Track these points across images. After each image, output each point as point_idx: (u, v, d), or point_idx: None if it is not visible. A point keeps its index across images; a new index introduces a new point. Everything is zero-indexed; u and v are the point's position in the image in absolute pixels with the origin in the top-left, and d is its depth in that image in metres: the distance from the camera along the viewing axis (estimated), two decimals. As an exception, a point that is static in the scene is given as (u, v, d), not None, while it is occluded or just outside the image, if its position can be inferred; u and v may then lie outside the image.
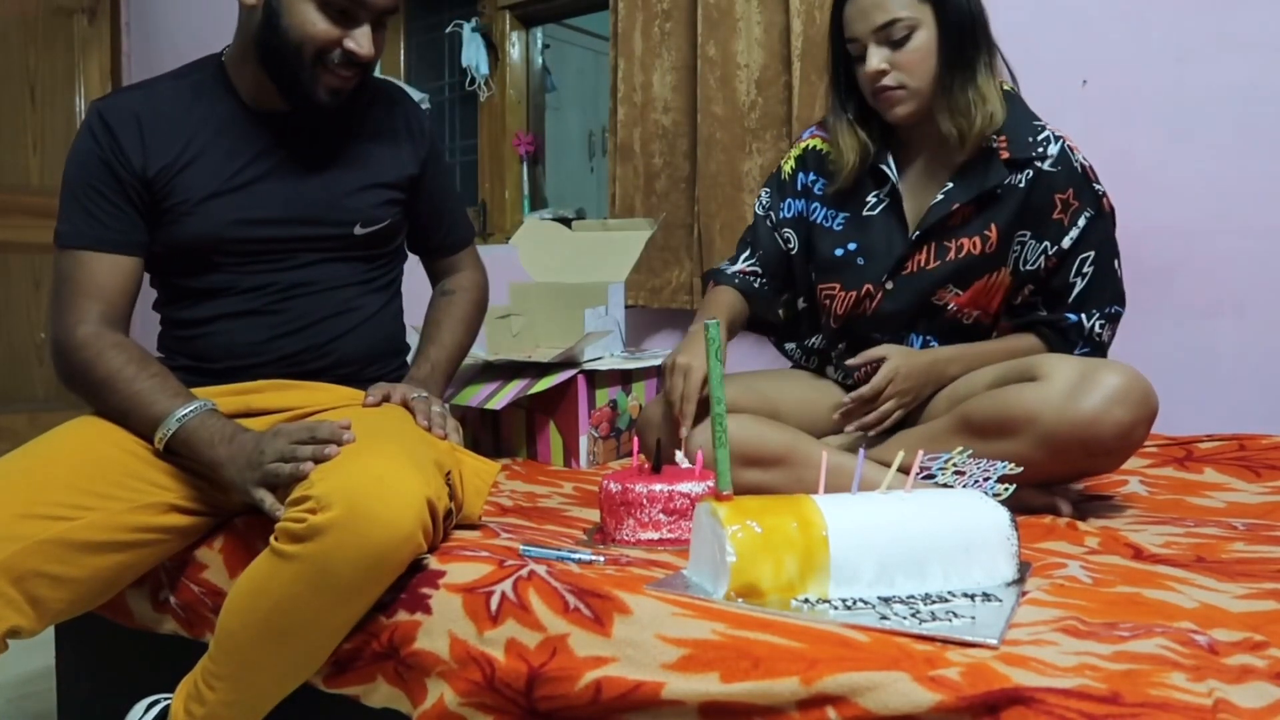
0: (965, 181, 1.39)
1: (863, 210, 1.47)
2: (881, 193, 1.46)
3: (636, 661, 0.83)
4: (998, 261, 1.40)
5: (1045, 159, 1.36)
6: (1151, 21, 1.85)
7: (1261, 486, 1.42)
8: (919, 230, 1.41)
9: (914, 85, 1.35)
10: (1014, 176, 1.37)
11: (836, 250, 1.48)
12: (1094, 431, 1.18)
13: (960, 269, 1.41)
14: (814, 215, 1.51)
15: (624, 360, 1.92)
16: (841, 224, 1.49)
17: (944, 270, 1.41)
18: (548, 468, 1.79)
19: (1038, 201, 1.37)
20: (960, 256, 1.40)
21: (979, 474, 1.05)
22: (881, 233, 1.45)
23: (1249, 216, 1.77)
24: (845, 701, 0.74)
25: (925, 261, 1.42)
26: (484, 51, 2.91)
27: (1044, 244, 1.39)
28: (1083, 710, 0.67)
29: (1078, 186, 1.37)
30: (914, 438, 1.33)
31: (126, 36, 3.73)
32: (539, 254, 2.19)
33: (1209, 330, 1.81)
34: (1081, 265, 1.38)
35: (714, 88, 2.23)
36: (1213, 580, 0.96)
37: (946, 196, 1.40)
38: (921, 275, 1.42)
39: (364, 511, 0.93)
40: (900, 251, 1.43)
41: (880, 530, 0.90)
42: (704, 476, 1.16)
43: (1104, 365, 1.22)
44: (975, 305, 1.43)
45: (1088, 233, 1.38)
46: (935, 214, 1.40)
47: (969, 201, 1.38)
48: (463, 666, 0.93)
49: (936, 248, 1.41)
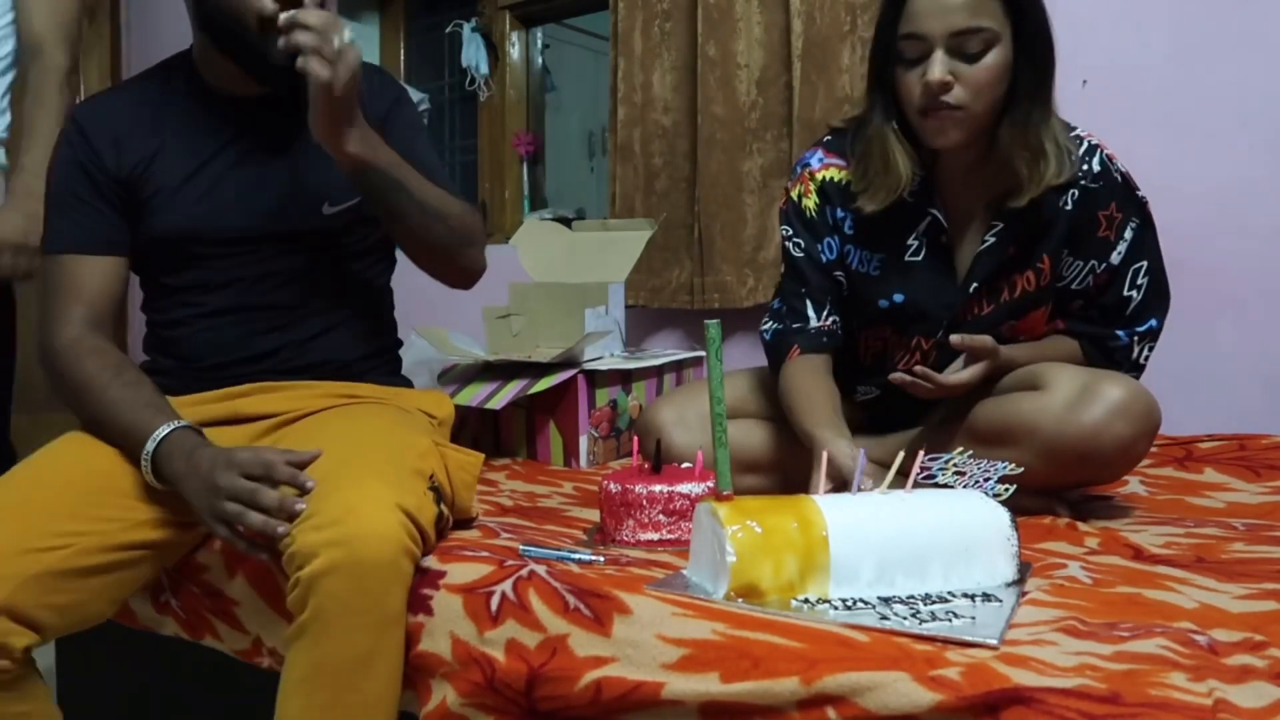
0: (1015, 221, 1.26)
1: (902, 254, 1.32)
2: (919, 231, 1.30)
3: (636, 661, 0.83)
4: (1051, 290, 1.32)
5: (1089, 176, 1.27)
6: (1151, 21, 1.85)
7: (1261, 486, 1.42)
8: (974, 283, 1.30)
9: (975, 109, 1.19)
10: (1061, 200, 1.27)
11: (881, 301, 1.33)
12: (1094, 444, 1.17)
13: (1018, 306, 1.32)
14: (849, 258, 1.35)
15: (624, 360, 1.92)
16: (878, 268, 1.34)
17: (1000, 313, 1.32)
18: (548, 467, 1.79)
19: (1082, 222, 1.28)
20: (1015, 296, 1.31)
21: (979, 474, 1.05)
22: (929, 282, 1.31)
23: (1249, 216, 1.77)
24: (845, 701, 0.74)
25: (980, 309, 1.31)
26: (484, 51, 2.91)
27: (1090, 262, 1.30)
28: (1083, 710, 0.67)
29: (1120, 200, 1.28)
30: (914, 440, 1.33)
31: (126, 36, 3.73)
32: (539, 254, 2.19)
33: (1209, 330, 1.81)
34: (1135, 277, 1.30)
35: (714, 88, 2.23)
36: (1213, 580, 0.96)
37: (998, 241, 1.27)
38: (977, 323, 1.31)
39: (344, 557, 0.90)
40: (953, 302, 1.31)
41: (880, 530, 0.90)
42: (704, 477, 1.16)
43: (1107, 377, 1.20)
44: (1027, 331, 1.35)
45: (1136, 244, 1.29)
46: (988, 263, 1.29)
47: (1020, 241, 1.28)
48: (464, 667, 0.93)
49: (989, 291, 1.31)
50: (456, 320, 2.30)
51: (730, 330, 2.26)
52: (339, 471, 0.99)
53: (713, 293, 2.24)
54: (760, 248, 2.18)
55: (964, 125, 1.20)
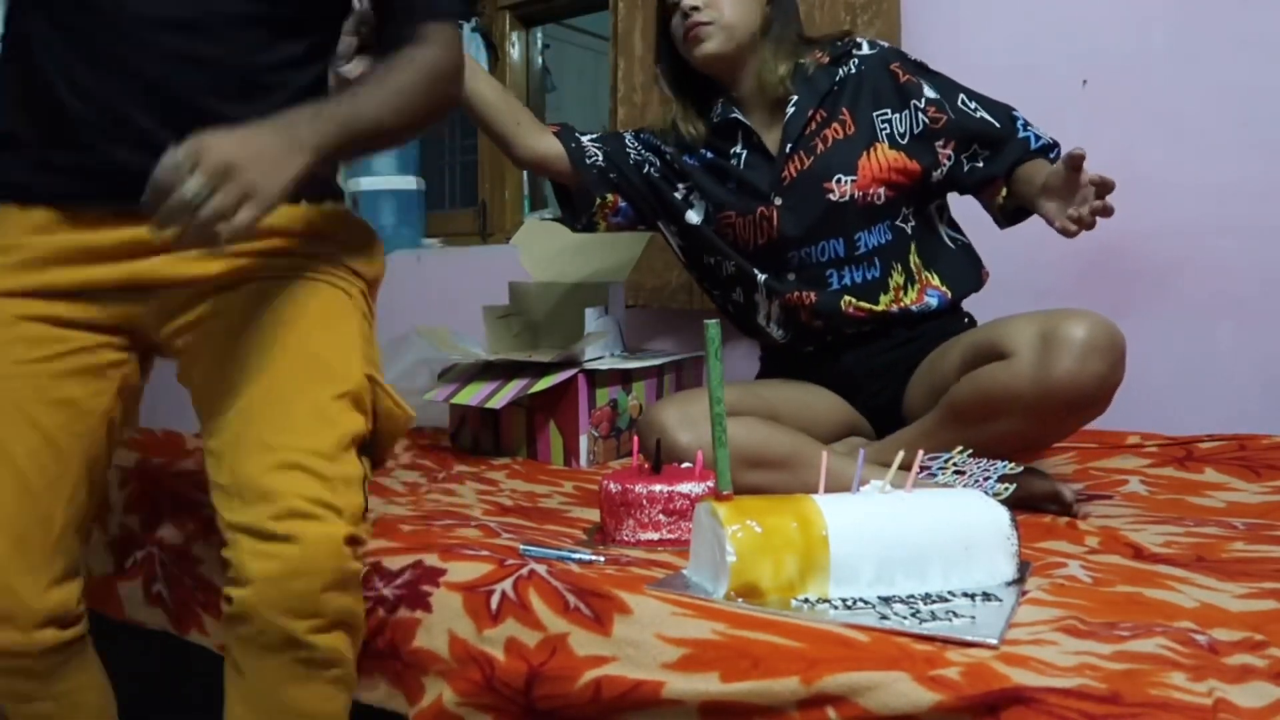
0: (804, 92, 1.48)
1: (729, 162, 1.53)
2: (738, 146, 1.52)
3: (636, 661, 0.84)
4: (868, 138, 1.46)
5: (859, 48, 1.50)
6: (1151, 21, 1.85)
7: (1261, 486, 1.42)
8: (787, 144, 1.47)
9: (724, 21, 1.44)
10: (841, 70, 1.49)
11: (719, 187, 1.53)
12: (1075, 391, 1.19)
13: (837, 155, 1.45)
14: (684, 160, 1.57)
15: (624, 360, 1.92)
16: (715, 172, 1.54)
17: (822, 164, 1.46)
18: (548, 467, 1.79)
19: (876, 79, 1.47)
20: (829, 146, 1.46)
21: (979, 473, 1.05)
22: (751, 168, 1.51)
23: (1249, 216, 1.77)
24: (845, 701, 0.74)
25: (800, 165, 1.47)
26: (484, 51, 2.91)
27: (910, 104, 1.46)
28: (1083, 710, 0.67)
29: (901, 59, 1.49)
30: (912, 438, 1.34)
31: (127, 36, 3.72)
32: (539, 254, 2.19)
33: (1209, 330, 1.81)
34: (968, 105, 1.46)
35: (714, 88, 2.23)
36: (1213, 580, 0.96)
37: (797, 109, 1.47)
38: (803, 178, 1.47)
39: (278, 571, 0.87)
40: (774, 170, 1.49)
41: (880, 530, 0.90)
42: (704, 477, 1.16)
43: (1063, 319, 1.21)
44: (877, 182, 1.45)
45: (943, 86, 1.48)
46: (795, 126, 1.47)
47: (818, 106, 1.47)
48: (462, 665, 0.93)
49: (804, 150, 1.47)
50: (457, 320, 2.31)
51: (730, 331, 2.26)
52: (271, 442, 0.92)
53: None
54: (760, 248, 2.18)
55: (715, 36, 1.45)
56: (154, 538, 1.23)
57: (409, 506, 1.41)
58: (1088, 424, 1.35)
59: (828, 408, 1.51)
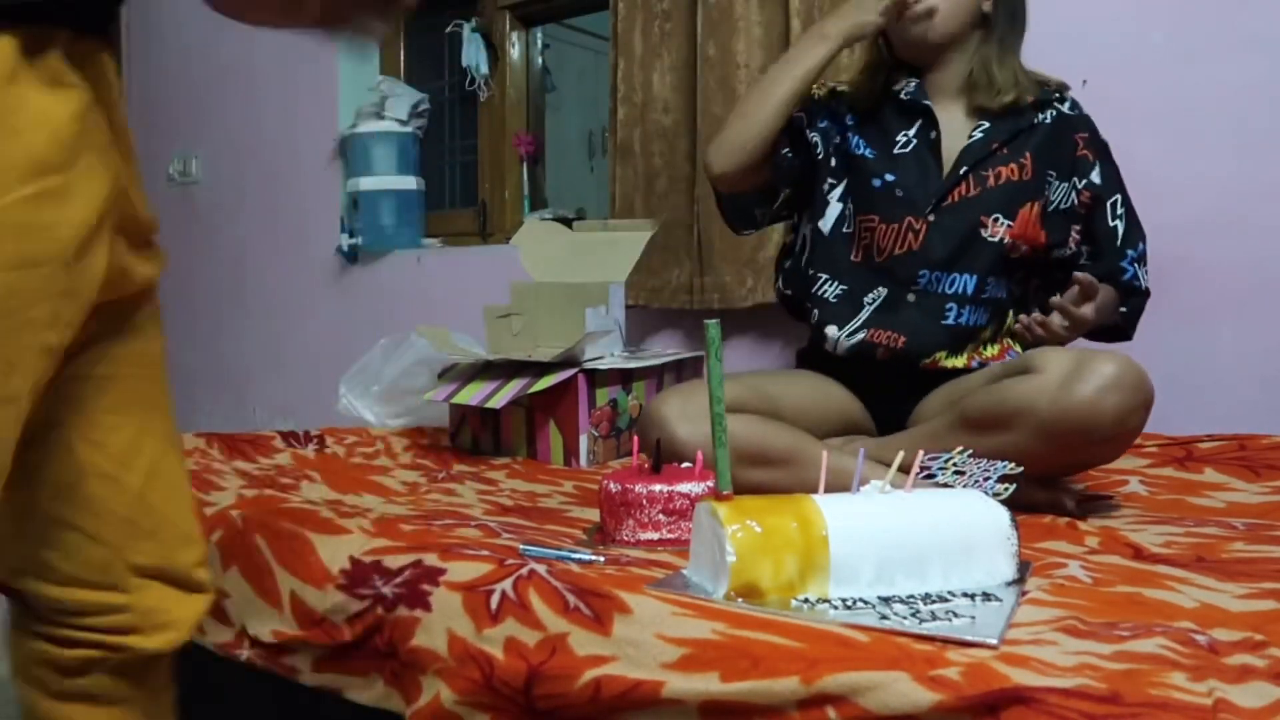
0: (998, 122, 1.46)
1: (893, 148, 1.50)
2: (911, 131, 1.49)
3: (636, 661, 0.83)
4: (1037, 189, 1.46)
5: (1064, 102, 1.49)
6: (1151, 21, 1.85)
7: (1261, 486, 1.42)
8: (963, 165, 1.45)
9: (945, 9, 1.41)
10: (1039, 115, 1.47)
11: (874, 181, 1.49)
12: (1091, 419, 1.18)
13: (1003, 196, 1.44)
14: (848, 142, 1.53)
15: (624, 360, 1.92)
16: (874, 155, 1.51)
17: (987, 198, 1.44)
18: (548, 467, 1.79)
19: (1061, 139, 1.47)
20: (1000, 183, 1.44)
21: (979, 474, 1.05)
22: (917, 167, 1.48)
23: (1249, 216, 1.77)
24: (845, 701, 0.74)
25: (966, 191, 1.45)
26: (484, 51, 2.91)
27: (1072, 180, 1.47)
28: (1083, 710, 0.67)
29: (1090, 131, 1.49)
30: (914, 439, 1.34)
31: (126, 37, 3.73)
32: (539, 254, 2.19)
33: (1209, 330, 1.81)
34: (1115, 208, 1.48)
35: (714, 88, 2.22)
36: (1213, 580, 0.96)
37: (985, 135, 1.46)
38: (964, 205, 1.45)
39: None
40: (940, 183, 1.46)
41: (880, 530, 0.90)
42: (704, 476, 1.16)
43: (1098, 354, 1.22)
44: (1024, 238, 1.45)
45: (1110, 177, 1.48)
46: (974, 152, 1.45)
47: (1006, 141, 1.45)
48: (461, 664, 0.93)
49: (975, 178, 1.45)
50: (457, 320, 2.31)
51: (730, 330, 2.26)
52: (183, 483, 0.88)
53: (712, 293, 2.24)
54: (760, 248, 2.18)
55: (934, 24, 1.43)
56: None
57: (409, 506, 1.41)
58: (1100, 464, 1.35)
59: (833, 403, 1.50)
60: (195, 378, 3.57)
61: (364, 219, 2.98)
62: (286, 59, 3.24)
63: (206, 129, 3.50)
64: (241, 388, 3.45)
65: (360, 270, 3.07)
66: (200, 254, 3.56)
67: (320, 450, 1.82)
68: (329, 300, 3.17)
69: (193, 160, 3.55)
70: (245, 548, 1.14)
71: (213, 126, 3.48)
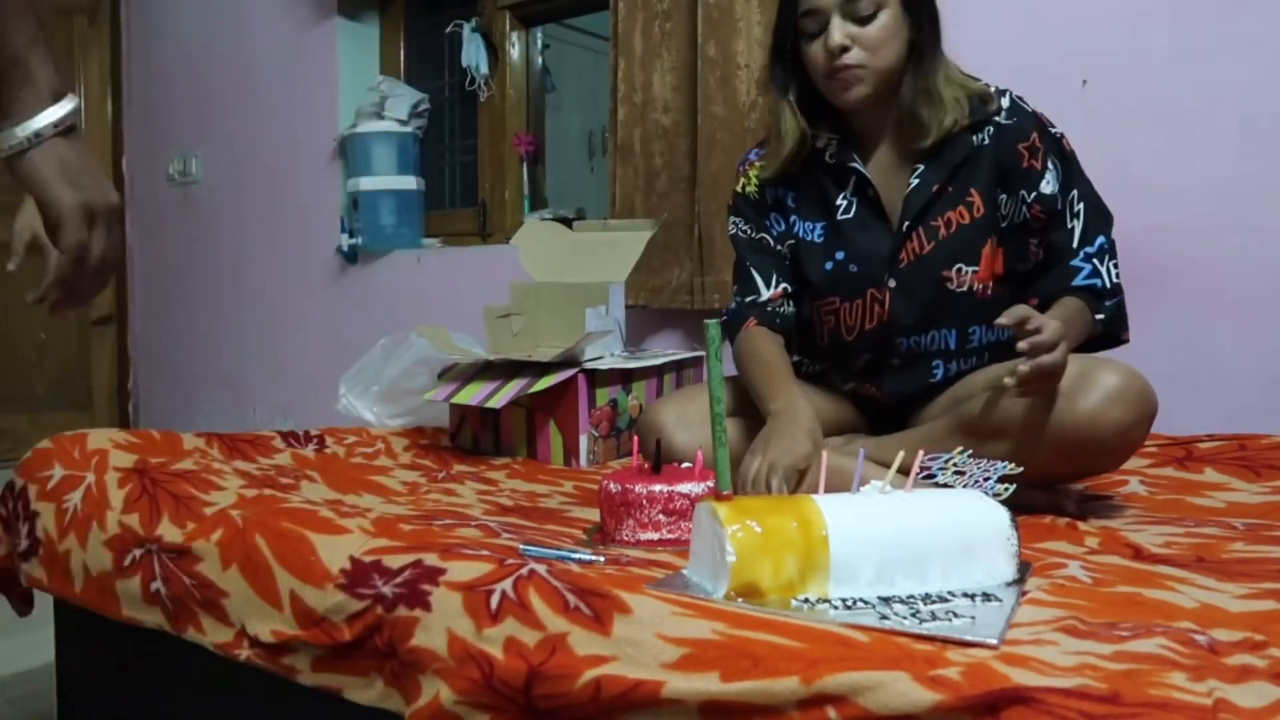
0: (934, 161, 1.37)
1: (836, 215, 1.43)
2: (848, 192, 1.42)
3: (636, 660, 0.83)
4: (991, 223, 1.37)
5: (1000, 112, 1.37)
6: (1151, 21, 1.85)
7: (1261, 486, 1.42)
8: (905, 221, 1.37)
9: (875, 65, 1.32)
10: (976, 137, 1.37)
11: (826, 264, 1.43)
12: (1092, 430, 1.18)
13: (959, 243, 1.37)
14: (795, 228, 1.47)
15: (624, 360, 1.92)
16: (821, 234, 1.44)
17: (943, 250, 1.37)
18: (548, 467, 1.79)
19: (1004, 157, 1.36)
20: (952, 232, 1.37)
21: (979, 474, 1.05)
22: (863, 233, 1.40)
23: (1249, 216, 1.77)
24: (845, 701, 0.74)
25: (920, 248, 1.38)
26: (484, 51, 2.91)
27: (1020, 193, 1.37)
28: (1083, 710, 0.67)
29: (1038, 132, 1.37)
30: (914, 439, 1.34)
31: (126, 36, 3.73)
32: (539, 254, 2.19)
33: (1209, 330, 1.81)
34: (1072, 207, 1.37)
35: (714, 88, 2.23)
36: (1213, 580, 0.96)
37: (922, 181, 1.37)
38: (921, 263, 1.38)
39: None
40: (889, 246, 1.39)
41: (880, 530, 0.90)
42: (704, 476, 1.16)
43: (1102, 364, 1.21)
44: (992, 276, 1.38)
45: (1064, 176, 1.37)
46: (916, 200, 1.37)
47: (945, 181, 1.37)
48: (460, 664, 0.93)
49: (925, 231, 1.37)
50: (457, 320, 2.31)
51: (730, 330, 2.26)
52: None
53: (713, 293, 2.24)
54: (760, 248, 2.18)
55: (867, 81, 1.33)
56: (152, 536, 1.23)
57: (409, 506, 1.41)
58: (1095, 474, 1.35)
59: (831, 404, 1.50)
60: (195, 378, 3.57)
61: (364, 219, 2.98)
62: (286, 59, 3.25)
63: (206, 129, 3.50)
64: (241, 388, 3.45)
65: (360, 270, 3.08)
66: (200, 254, 3.56)
67: (320, 450, 1.82)
68: (329, 300, 3.17)
69: (193, 160, 3.55)
70: (245, 548, 1.14)
71: (213, 126, 3.49)
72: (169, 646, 1.23)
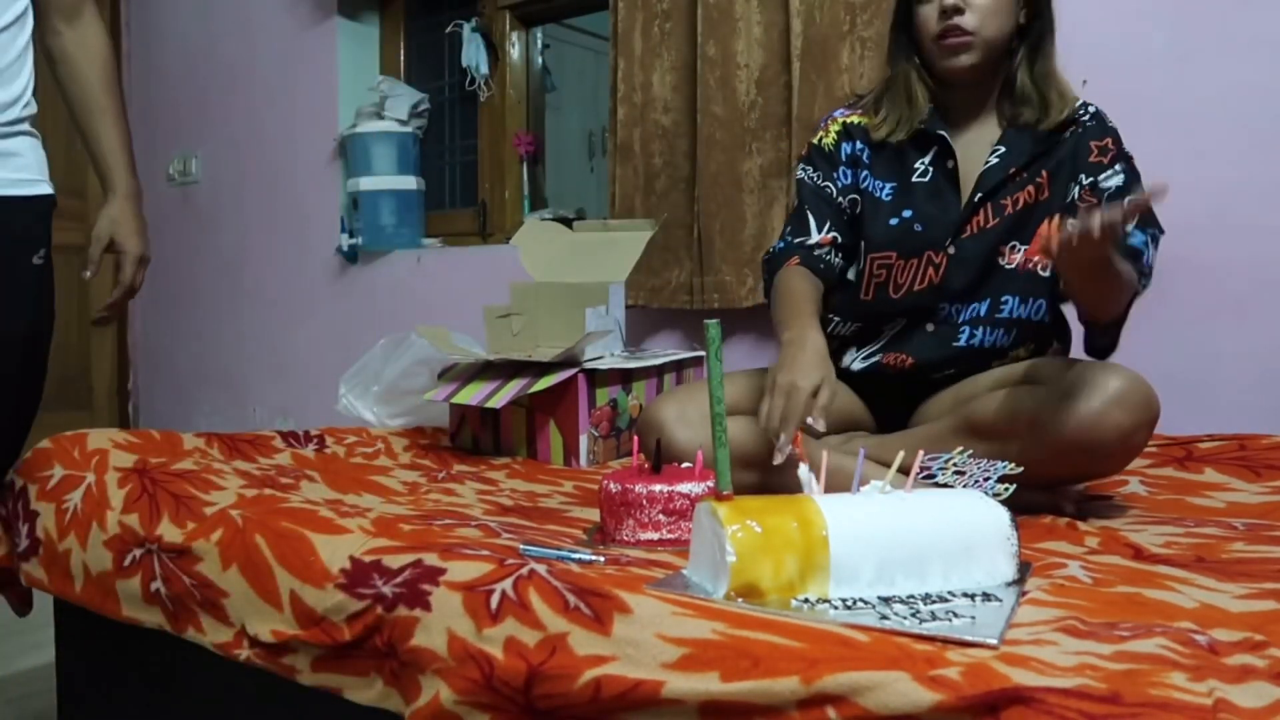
0: (1016, 144, 1.41)
1: (910, 178, 1.46)
2: (928, 159, 1.45)
3: (636, 660, 0.83)
4: (1054, 204, 1.40)
5: (1087, 117, 1.42)
6: (1151, 21, 1.85)
7: (1261, 486, 1.42)
8: (978, 194, 1.41)
9: (985, 34, 1.35)
10: (1066, 133, 1.42)
11: (891, 220, 1.45)
12: (1094, 434, 1.18)
13: (1019, 221, 1.40)
14: (864, 185, 1.49)
15: (624, 360, 1.92)
16: (891, 194, 1.47)
17: (1004, 226, 1.41)
18: (548, 467, 1.79)
19: (1080, 151, 1.41)
20: (1017, 209, 1.41)
21: (979, 474, 1.05)
22: (935, 199, 1.44)
23: (1249, 216, 1.77)
24: (845, 701, 0.74)
25: (985, 221, 1.41)
26: (484, 51, 2.91)
27: (1080, 177, 1.40)
28: (1083, 710, 0.67)
29: (1112, 138, 1.42)
30: (915, 439, 1.34)
31: (126, 36, 3.73)
32: (539, 254, 2.19)
33: (1209, 330, 1.81)
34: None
35: (714, 88, 2.22)
36: (1213, 580, 0.96)
37: (1001, 161, 1.41)
38: (983, 236, 1.41)
39: None
40: (958, 215, 1.42)
41: (880, 530, 0.90)
42: (704, 476, 1.16)
43: (1105, 368, 1.21)
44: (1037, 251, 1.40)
45: (1129, 181, 1.39)
46: (992, 177, 1.41)
47: (1023, 165, 1.40)
48: (460, 664, 0.93)
49: (993, 207, 1.41)
50: (457, 320, 2.31)
51: (730, 330, 2.26)
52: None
53: (712, 293, 2.24)
54: (760, 247, 2.18)
55: (975, 50, 1.35)
56: (152, 536, 1.23)
57: (409, 506, 1.41)
58: (1096, 478, 1.35)
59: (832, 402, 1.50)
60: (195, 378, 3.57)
61: (364, 219, 2.98)
62: (286, 59, 3.25)
63: (206, 129, 3.50)
64: (241, 388, 3.45)
65: (360, 270, 3.08)
66: (200, 254, 3.56)
67: (320, 450, 1.82)
68: (329, 300, 3.17)
69: (193, 160, 3.55)
70: (245, 548, 1.14)
71: (213, 126, 3.48)
72: (169, 646, 1.23)
